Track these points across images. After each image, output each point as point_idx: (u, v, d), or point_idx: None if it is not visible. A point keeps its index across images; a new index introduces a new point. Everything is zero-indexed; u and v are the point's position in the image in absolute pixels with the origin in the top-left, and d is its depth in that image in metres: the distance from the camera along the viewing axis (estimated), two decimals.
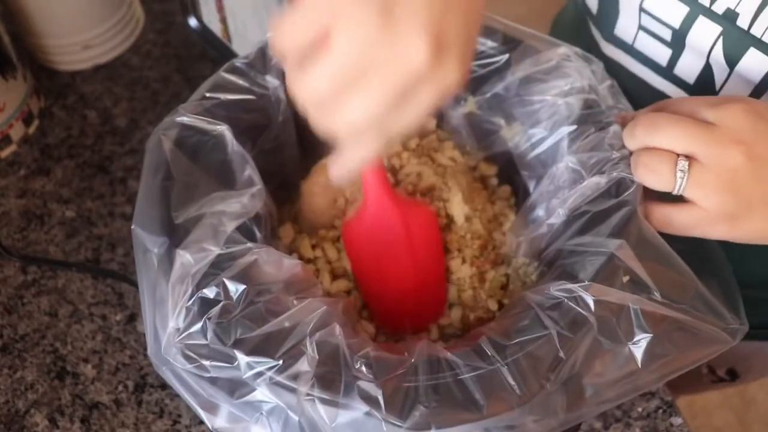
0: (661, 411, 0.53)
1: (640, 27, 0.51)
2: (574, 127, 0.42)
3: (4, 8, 0.71)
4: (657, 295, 0.35)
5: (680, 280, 0.36)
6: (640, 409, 0.54)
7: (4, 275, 0.62)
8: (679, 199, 0.38)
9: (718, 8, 0.44)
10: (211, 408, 0.35)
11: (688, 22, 0.47)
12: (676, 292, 0.36)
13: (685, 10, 0.46)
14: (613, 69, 0.57)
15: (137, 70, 0.77)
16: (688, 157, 0.37)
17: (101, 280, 0.61)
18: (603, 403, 0.35)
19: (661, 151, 0.37)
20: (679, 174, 0.36)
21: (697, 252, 0.39)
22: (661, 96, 0.53)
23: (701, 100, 0.38)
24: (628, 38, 0.53)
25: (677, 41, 0.49)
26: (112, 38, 0.76)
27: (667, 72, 0.52)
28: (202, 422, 0.54)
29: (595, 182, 0.39)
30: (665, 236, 0.38)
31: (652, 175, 0.37)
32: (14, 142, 0.70)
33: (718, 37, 0.45)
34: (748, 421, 1.35)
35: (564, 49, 0.45)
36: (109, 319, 0.59)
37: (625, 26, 0.53)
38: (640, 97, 0.55)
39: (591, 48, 0.60)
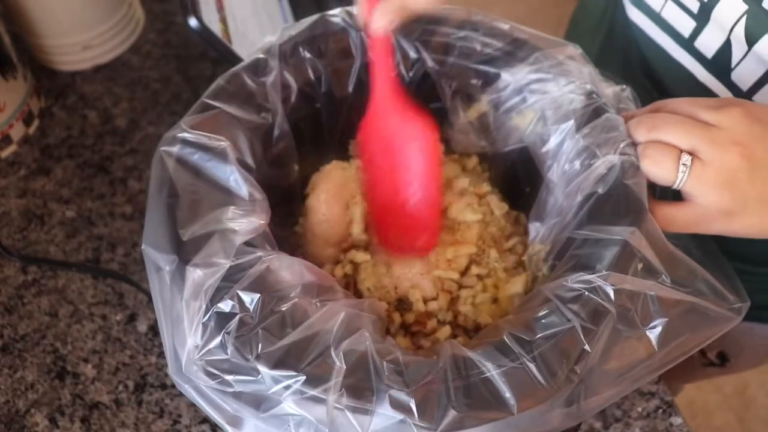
0: (661, 411, 0.53)
1: None
2: (581, 117, 0.43)
3: (4, 8, 0.71)
4: (667, 280, 0.36)
5: (686, 265, 0.37)
6: (640, 409, 0.54)
7: (4, 275, 0.62)
8: (678, 199, 0.40)
9: None
10: (238, 423, 0.35)
11: None
12: (684, 277, 0.37)
13: None
14: (635, 35, 0.59)
15: (137, 70, 0.77)
16: (691, 154, 0.38)
17: (101, 280, 0.61)
18: (622, 390, 0.35)
19: (665, 145, 0.39)
20: (681, 168, 0.38)
21: (692, 243, 0.40)
22: (679, 66, 0.55)
23: (700, 102, 0.40)
24: (656, 6, 0.55)
25: (703, 14, 0.50)
26: (112, 38, 0.77)
27: (687, 44, 0.53)
28: (202, 422, 0.54)
29: (604, 165, 0.40)
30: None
31: (655, 167, 0.39)
32: (14, 142, 0.70)
33: (742, 15, 0.47)
34: (747, 421, 1.35)
35: (570, 49, 0.46)
36: (109, 319, 0.59)
37: None
38: (658, 65, 0.57)
39: (616, 13, 0.62)
